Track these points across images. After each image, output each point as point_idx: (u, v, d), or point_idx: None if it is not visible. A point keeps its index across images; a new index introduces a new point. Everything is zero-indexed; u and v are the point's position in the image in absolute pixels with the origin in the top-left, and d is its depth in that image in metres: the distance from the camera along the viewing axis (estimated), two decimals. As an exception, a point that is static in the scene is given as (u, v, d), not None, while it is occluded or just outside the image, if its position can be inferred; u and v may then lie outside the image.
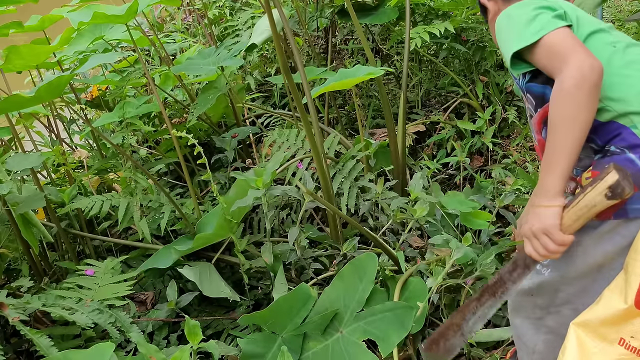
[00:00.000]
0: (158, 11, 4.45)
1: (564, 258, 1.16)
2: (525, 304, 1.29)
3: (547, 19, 1.11)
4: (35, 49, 2.03)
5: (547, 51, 1.08)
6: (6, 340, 1.81)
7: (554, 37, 1.08)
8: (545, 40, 1.08)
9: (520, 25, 1.13)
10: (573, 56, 1.03)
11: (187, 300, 1.90)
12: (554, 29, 1.08)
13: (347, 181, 2.08)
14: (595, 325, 1.03)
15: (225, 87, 2.33)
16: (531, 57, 1.12)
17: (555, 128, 1.04)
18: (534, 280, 1.25)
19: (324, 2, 2.92)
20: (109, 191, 2.56)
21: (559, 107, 1.03)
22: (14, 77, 2.47)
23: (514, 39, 1.13)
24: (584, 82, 1.01)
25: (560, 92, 1.03)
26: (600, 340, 1.01)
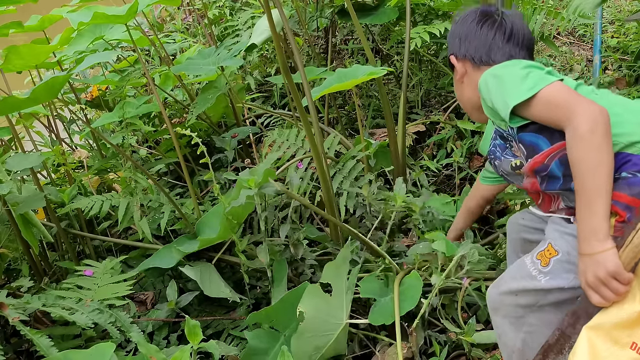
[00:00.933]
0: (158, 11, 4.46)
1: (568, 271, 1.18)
2: (506, 303, 1.28)
3: (539, 75, 1.20)
4: (35, 49, 2.03)
5: (546, 104, 1.15)
6: (6, 340, 1.81)
7: (552, 91, 1.15)
8: (543, 94, 1.15)
9: (513, 82, 1.20)
10: (578, 105, 1.10)
11: (187, 300, 1.90)
12: (549, 83, 1.16)
13: (347, 181, 2.08)
14: (607, 328, 1.02)
15: (225, 87, 2.33)
16: (528, 112, 1.18)
17: (584, 174, 1.08)
18: (525, 282, 1.24)
19: (324, 2, 2.92)
20: (109, 191, 2.56)
21: (581, 155, 1.08)
22: (14, 77, 2.47)
23: (510, 95, 1.19)
24: (597, 126, 1.07)
25: (579, 140, 1.08)
26: (612, 344, 1.01)
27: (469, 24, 1.42)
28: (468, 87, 1.44)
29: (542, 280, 1.21)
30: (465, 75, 1.43)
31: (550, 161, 1.22)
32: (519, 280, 1.25)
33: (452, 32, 1.47)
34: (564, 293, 1.20)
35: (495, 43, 1.37)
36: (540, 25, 2.21)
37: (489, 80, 1.27)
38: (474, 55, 1.40)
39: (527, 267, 1.25)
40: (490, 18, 1.41)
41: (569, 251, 1.19)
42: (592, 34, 3.40)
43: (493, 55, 1.37)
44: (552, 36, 2.36)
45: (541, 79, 1.17)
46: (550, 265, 1.21)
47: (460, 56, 1.43)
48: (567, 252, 1.19)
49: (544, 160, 1.23)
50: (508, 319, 1.28)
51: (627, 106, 1.22)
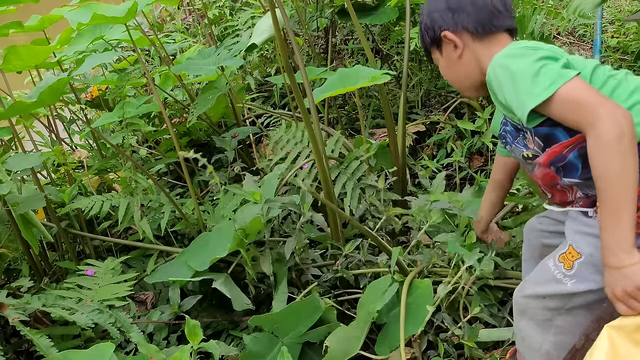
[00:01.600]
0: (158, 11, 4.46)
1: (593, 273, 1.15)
2: (533, 306, 1.25)
3: (555, 70, 1.10)
4: (34, 50, 2.03)
5: (566, 104, 1.07)
6: (6, 340, 1.81)
7: (571, 90, 1.07)
8: (561, 93, 1.07)
9: (528, 79, 1.11)
10: (601, 108, 1.03)
11: (191, 304, 1.90)
12: (567, 81, 1.08)
13: (350, 182, 2.08)
14: (630, 330, 1.01)
15: (225, 87, 2.33)
16: (545, 111, 1.11)
17: (610, 183, 1.02)
18: (552, 287, 1.21)
19: (324, 2, 2.92)
20: (109, 191, 2.57)
21: (607, 163, 1.02)
22: (14, 77, 2.47)
23: (525, 95, 1.11)
24: (624, 132, 1.01)
25: (604, 146, 1.02)
26: (632, 345, 1.00)
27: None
28: (469, 62, 1.32)
29: (568, 284, 1.18)
30: (465, 49, 1.31)
31: (568, 153, 1.16)
32: (544, 284, 1.22)
33: (439, 6, 1.33)
34: (592, 295, 1.17)
35: (495, 8, 1.28)
36: (540, 25, 2.21)
37: (499, 72, 1.17)
38: (476, 25, 1.27)
39: (550, 270, 1.22)
40: None
41: (592, 253, 1.15)
42: (592, 34, 3.40)
43: (496, 22, 1.27)
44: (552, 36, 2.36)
45: (558, 76, 1.08)
46: (575, 269, 1.17)
47: (457, 29, 1.30)
48: (590, 254, 1.15)
49: (562, 151, 1.17)
50: (534, 321, 1.25)
51: None
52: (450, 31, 1.31)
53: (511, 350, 1.61)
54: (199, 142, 2.88)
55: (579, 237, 1.19)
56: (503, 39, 1.29)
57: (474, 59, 1.31)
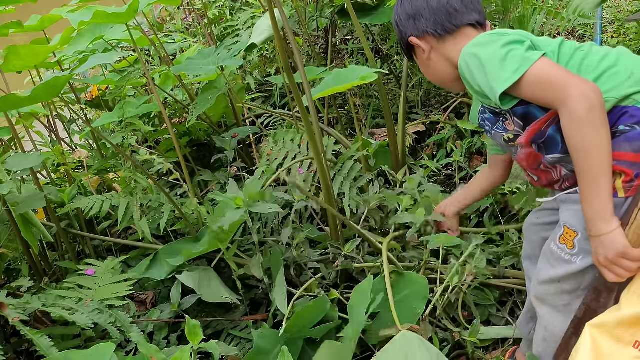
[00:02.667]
0: (158, 11, 4.46)
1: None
2: (550, 292, 1.28)
3: (521, 53, 1.15)
4: (34, 50, 2.03)
5: (535, 85, 1.12)
6: (6, 340, 1.81)
7: (538, 70, 1.12)
8: (530, 75, 1.12)
9: (495, 65, 1.16)
10: (570, 84, 1.07)
11: (190, 302, 1.90)
12: (534, 62, 1.12)
13: (347, 182, 2.08)
14: (610, 326, 1.03)
15: (225, 87, 2.33)
16: (517, 93, 1.15)
17: (584, 154, 1.06)
18: (564, 269, 1.24)
19: (324, 2, 2.92)
20: (109, 191, 2.57)
21: (580, 135, 1.06)
22: (14, 77, 2.47)
23: (495, 80, 1.15)
24: (593, 104, 1.05)
25: (576, 121, 1.06)
26: (615, 342, 1.02)
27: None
28: (439, 61, 1.38)
29: (577, 262, 1.21)
30: (432, 51, 1.37)
31: (547, 128, 1.20)
32: (557, 267, 1.25)
33: (401, 15, 1.39)
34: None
35: (452, 7, 1.32)
36: (540, 25, 2.21)
37: (469, 61, 1.22)
38: (436, 28, 1.33)
39: (557, 253, 1.25)
40: None
41: (585, 226, 1.17)
42: (592, 34, 3.40)
43: (454, 21, 1.32)
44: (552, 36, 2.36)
45: (524, 59, 1.13)
46: (577, 246, 1.21)
47: (420, 34, 1.36)
48: (584, 228, 1.18)
49: (540, 127, 1.20)
50: (555, 308, 1.28)
51: (617, 57, 1.18)
52: (414, 37, 1.38)
53: (511, 350, 1.62)
54: (199, 142, 2.88)
55: (569, 215, 1.23)
56: (468, 32, 1.33)
57: (444, 58, 1.37)
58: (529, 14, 2.21)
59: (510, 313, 1.77)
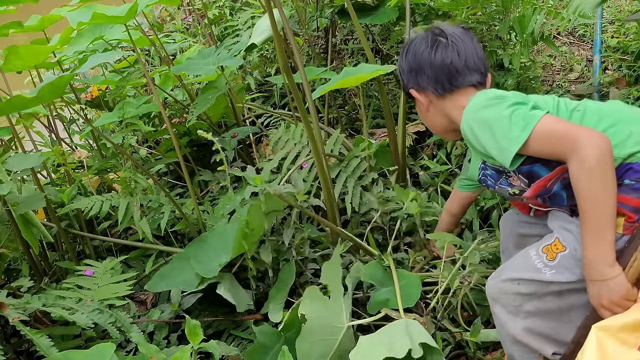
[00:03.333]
0: (158, 11, 4.45)
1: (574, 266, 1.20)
2: (507, 291, 1.29)
3: (525, 112, 1.18)
4: (34, 49, 2.03)
5: (544, 140, 1.15)
6: (6, 340, 1.81)
7: (546, 126, 1.15)
8: (538, 131, 1.15)
9: (502, 126, 1.18)
10: (579, 136, 1.10)
11: (190, 302, 1.90)
12: (539, 119, 1.15)
13: (352, 179, 2.09)
14: (615, 330, 1.04)
15: (225, 87, 2.33)
16: (527, 150, 1.17)
17: (593, 204, 1.09)
18: (530, 275, 1.25)
19: (324, 2, 2.92)
20: (109, 191, 2.57)
21: (590, 184, 1.09)
22: (14, 77, 2.47)
23: (505, 140, 1.18)
24: (604, 152, 1.08)
25: (587, 170, 1.08)
26: (620, 344, 1.02)
27: (420, 54, 1.38)
28: (437, 115, 1.43)
29: (547, 274, 1.23)
30: (430, 105, 1.42)
31: (552, 185, 1.24)
32: (522, 271, 1.26)
33: (404, 66, 1.43)
34: (567, 286, 1.22)
35: (454, 67, 1.34)
36: (540, 25, 2.21)
37: (474, 127, 1.24)
38: (436, 87, 1.37)
39: (531, 259, 1.26)
40: (440, 43, 1.37)
41: (576, 247, 1.21)
42: (592, 34, 3.39)
43: (454, 82, 1.35)
44: (552, 36, 2.36)
45: (531, 116, 1.16)
46: (557, 260, 1.22)
47: (420, 89, 1.41)
48: (574, 248, 1.21)
49: (546, 184, 1.24)
50: (506, 307, 1.29)
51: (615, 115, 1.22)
52: (414, 90, 1.42)
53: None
54: (199, 142, 2.88)
55: (566, 233, 1.25)
56: (468, 91, 1.36)
57: (441, 113, 1.41)
58: (529, 14, 2.21)
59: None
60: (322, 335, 1.51)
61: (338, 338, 1.51)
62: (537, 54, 3.37)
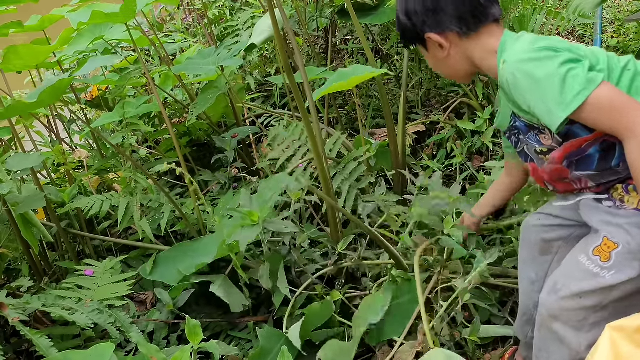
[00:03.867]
0: (158, 11, 4.46)
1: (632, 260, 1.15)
2: (568, 308, 1.21)
3: (582, 75, 1.08)
4: (34, 49, 2.03)
5: (598, 111, 1.07)
6: (6, 340, 1.81)
7: (602, 96, 1.07)
8: (592, 100, 1.07)
9: (554, 87, 1.08)
10: (636, 112, 1.05)
11: (184, 299, 1.89)
12: (596, 87, 1.07)
13: (347, 182, 2.08)
14: (630, 331, 1.02)
15: (225, 87, 2.33)
16: (578, 117, 1.10)
17: None
18: (591, 283, 1.18)
19: (324, 2, 2.92)
20: (109, 191, 2.56)
21: None
22: (14, 77, 2.47)
23: (556, 103, 1.09)
24: None
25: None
26: (634, 347, 1.01)
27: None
28: (458, 58, 1.29)
29: (606, 276, 1.16)
30: (452, 48, 1.27)
31: (588, 147, 1.16)
32: (580, 281, 1.19)
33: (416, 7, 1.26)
34: (630, 285, 1.16)
35: (478, 1, 1.22)
36: (540, 25, 2.21)
37: (521, 80, 1.13)
38: (460, 25, 1.22)
39: (585, 265, 1.19)
40: None
41: (629, 241, 1.14)
42: (592, 34, 3.40)
43: (480, 17, 1.22)
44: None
45: (587, 81, 1.07)
46: (613, 259, 1.15)
47: (441, 30, 1.25)
48: (627, 242, 1.14)
49: (581, 145, 1.16)
50: (569, 323, 1.22)
51: None
52: (434, 33, 1.26)
53: (510, 350, 1.61)
54: (199, 142, 2.88)
55: (613, 228, 1.18)
56: (492, 29, 1.25)
57: (464, 55, 1.28)
58: (529, 13, 2.21)
59: (510, 313, 1.76)
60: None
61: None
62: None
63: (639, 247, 1.12)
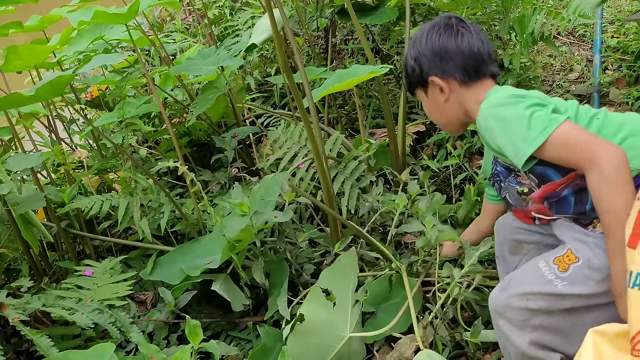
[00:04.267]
0: (158, 11, 4.46)
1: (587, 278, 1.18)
2: (513, 306, 1.24)
3: (545, 115, 1.16)
4: (34, 50, 2.03)
5: (561, 146, 1.14)
6: (6, 340, 1.81)
7: (564, 132, 1.13)
8: (555, 137, 1.13)
9: (520, 126, 1.17)
10: (598, 147, 1.09)
11: (185, 300, 1.90)
12: (559, 125, 1.14)
13: (349, 181, 2.08)
14: (611, 335, 1.04)
15: (225, 87, 2.33)
16: (540, 154, 1.16)
17: (615, 216, 1.07)
18: (541, 287, 1.21)
19: (324, 2, 2.92)
20: (109, 191, 2.56)
21: (610, 196, 1.08)
22: (14, 77, 2.47)
23: (521, 141, 1.16)
24: (621, 165, 1.07)
25: (606, 181, 1.07)
26: (617, 350, 1.02)
27: (445, 40, 1.33)
28: (454, 105, 1.38)
29: (558, 285, 1.19)
30: (452, 94, 1.36)
31: (562, 190, 1.22)
32: (532, 284, 1.22)
33: (425, 51, 1.36)
34: (579, 300, 1.19)
35: (480, 55, 1.32)
36: (540, 25, 2.21)
37: (491, 123, 1.22)
38: (463, 74, 1.33)
39: (541, 270, 1.22)
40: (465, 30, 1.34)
41: (590, 258, 1.18)
42: (592, 34, 3.39)
43: (481, 70, 1.33)
44: (552, 36, 2.36)
45: (550, 120, 1.15)
46: (570, 271, 1.19)
47: (445, 76, 1.35)
48: (588, 259, 1.18)
49: (556, 188, 1.23)
50: (512, 322, 1.24)
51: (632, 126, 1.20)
52: (438, 77, 1.36)
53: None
54: (199, 142, 2.88)
55: (579, 244, 1.22)
56: (487, 83, 1.35)
57: (459, 103, 1.37)
58: (529, 13, 2.21)
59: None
60: (320, 340, 1.50)
61: (337, 347, 1.50)
62: (537, 54, 3.37)
63: (597, 267, 1.16)
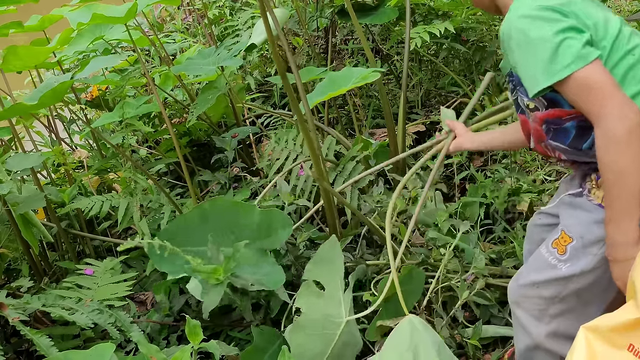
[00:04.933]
0: (158, 11, 4.46)
1: (584, 254, 1.17)
2: (528, 295, 1.26)
3: (576, 48, 1.05)
4: (34, 50, 2.03)
5: (578, 89, 1.05)
6: (6, 340, 1.81)
7: (586, 75, 1.04)
8: (576, 77, 1.05)
9: (545, 54, 1.06)
10: (612, 100, 1.02)
11: (180, 304, 1.89)
12: (586, 64, 1.04)
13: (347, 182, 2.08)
14: (604, 331, 1.04)
15: (225, 87, 2.33)
16: (558, 88, 1.09)
17: (619, 177, 1.02)
18: (547, 274, 1.22)
19: (324, 2, 2.92)
20: (109, 191, 2.57)
21: (616, 156, 1.02)
22: (14, 77, 2.47)
23: (539, 71, 1.07)
24: (632, 128, 1.00)
25: (614, 141, 1.01)
26: (609, 346, 1.02)
27: None
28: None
29: (562, 269, 1.20)
30: None
31: (567, 120, 1.15)
32: (539, 271, 1.24)
33: None
34: (584, 277, 1.19)
35: None
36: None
37: (514, 35, 1.11)
38: None
39: (544, 257, 1.24)
40: None
41: (583, 235, 1.17)
42: (592, 34, 3.39)
43: None
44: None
45: (579, 56, 1.04)
46: (568, 252, 1.19)
47: None
48: (580, 235, 1.17)
49: (562, 116, 1.15)
50: (529, 312, 1.26)
51: None
52: None
53: (510, 350, 1.62)
54: (199, 142, 2.88)
55: (570, 220, 1.21)
56: None
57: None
58: (529, 14, 2.21)
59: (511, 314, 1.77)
60: (319, 329, 1.50)
61: (337, 333, 1.49)
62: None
63: (590, 242, 1.15)
